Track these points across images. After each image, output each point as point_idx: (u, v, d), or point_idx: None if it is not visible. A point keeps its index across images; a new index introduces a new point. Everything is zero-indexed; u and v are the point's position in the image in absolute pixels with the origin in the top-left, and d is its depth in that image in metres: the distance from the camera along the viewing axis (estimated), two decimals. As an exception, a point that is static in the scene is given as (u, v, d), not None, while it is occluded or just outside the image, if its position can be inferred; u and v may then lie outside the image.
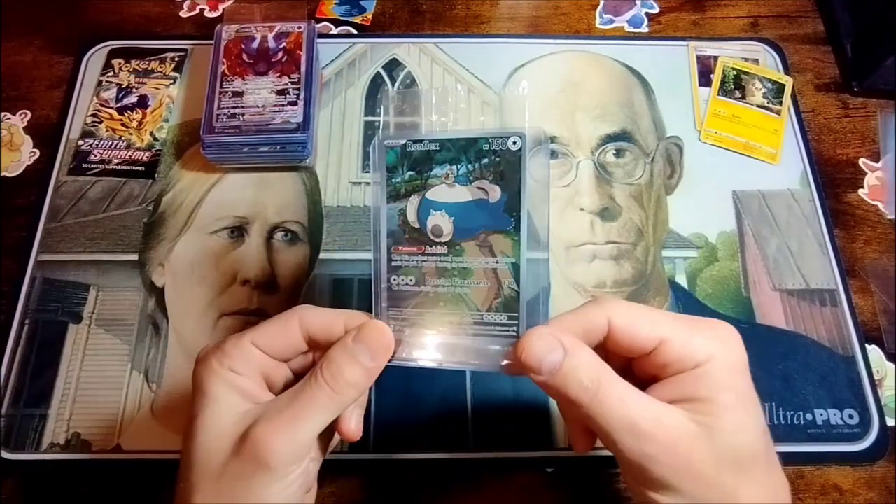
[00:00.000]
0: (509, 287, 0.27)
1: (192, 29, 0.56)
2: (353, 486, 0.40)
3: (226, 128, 0.45)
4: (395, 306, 0.28)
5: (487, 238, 0.27)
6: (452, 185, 0.28)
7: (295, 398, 0.26)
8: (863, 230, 0.48)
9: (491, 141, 0.27)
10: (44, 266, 0.45)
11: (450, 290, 0.28)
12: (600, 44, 0.55)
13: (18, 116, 0.52)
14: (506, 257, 0.27)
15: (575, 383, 0.25)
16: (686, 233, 0.47)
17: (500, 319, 0.27)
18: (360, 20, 0.56)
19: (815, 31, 0.57)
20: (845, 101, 0.53)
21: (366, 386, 0.27)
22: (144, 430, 0.40)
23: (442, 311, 0.28)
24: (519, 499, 0.40)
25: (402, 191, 0.28)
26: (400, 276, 0.28)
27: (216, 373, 0.27)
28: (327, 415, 0.26)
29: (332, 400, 0.26)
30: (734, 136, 0.51)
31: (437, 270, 0.28)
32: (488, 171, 0.27)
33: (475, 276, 0.28)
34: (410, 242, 0.28)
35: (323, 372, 0.26)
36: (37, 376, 0.42)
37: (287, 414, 0.26)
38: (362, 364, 0.26)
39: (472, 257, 0.28)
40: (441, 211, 0.28)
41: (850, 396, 0.42)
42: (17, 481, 0.40)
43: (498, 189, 0.27)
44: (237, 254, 0.45)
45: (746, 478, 0.24)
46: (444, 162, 0.28)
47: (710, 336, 0.26)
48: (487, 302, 0.28)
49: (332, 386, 0.26)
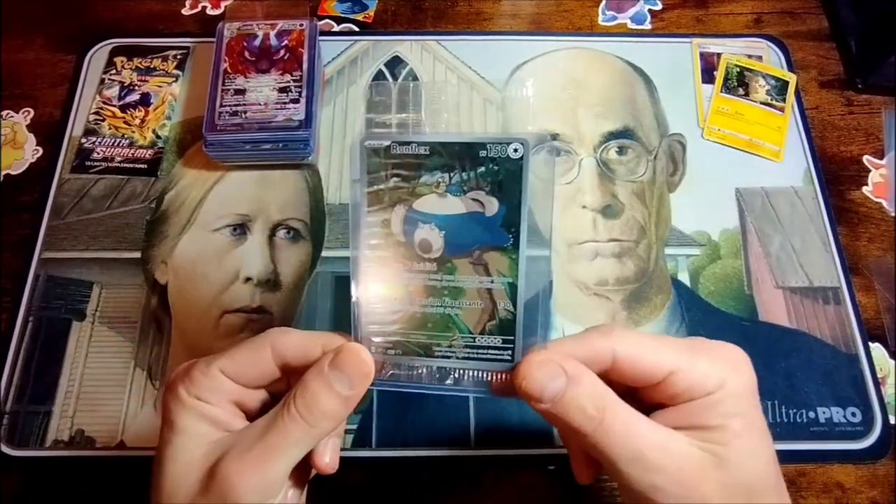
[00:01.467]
0: (505, 308, 0.25)
1: (195, 27, 0.56)
2: (355, 484, 0.40)
3: (228, 125, 0.45)
4: (376, 324, 0.26)
5: (482, 255, 0.25)
6: (444, 196, 0.25)
7: (266, 431, 0.24)
8: (866, 228, 0.48)
9: (489, 147, 0.24)
10: (47, 263, 0.45)
11: (438, 311, 0.25)
12: (603, 41, 0.55)
13: (22, 114, 0.52)
14: (502, 277, 0.25)
15: (579, 412, 0.24)
16: (689, 230, 0.47)
17: (494, 343, 0.25)
18: (361, 17, 0.56)
19: (819, 28, 0.56)
20: (849, 98, 0.53)
21: (343, 416, 0.25)
22: (148, 428, 0.41)
23: (429, 332, 0.26)
24: (521, 496, 0.40)
25: (385, 199, 0.25)
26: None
27: (183, 402, 0.25)
28: (301, 449, 0.25)
29: (307, 434, 0.24)
30: (737, 134, 0.51)
31: (426, 289, 0.25)
32: (485, 182, 0.24)
33: (467, 295, 0.25)
34: (394, 258, 0.26)
35: (296, 401, 0.24)
36: (41, 373, 0.42)
37: (257, 449, 0.24)
38: (339, 393, 0.24)
39: (465, 276, 0.25)
40: (430, 224, 0.25)
41: (853, 394, 0.42)
42: (21, 478, 0.40)
43: (495, 202, 0.24)
44: (239, 251, 0.46)
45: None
46: (434, 168, 0.25)
47: (719, 362, 0.25)
48: (480, 324, 0.25)
49: (307, 418, 0.24)
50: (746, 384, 0.25)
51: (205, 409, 0.25)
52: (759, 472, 0.24)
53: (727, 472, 0.23)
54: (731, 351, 0.26)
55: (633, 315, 0.44)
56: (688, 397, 0.24)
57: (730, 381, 0.24)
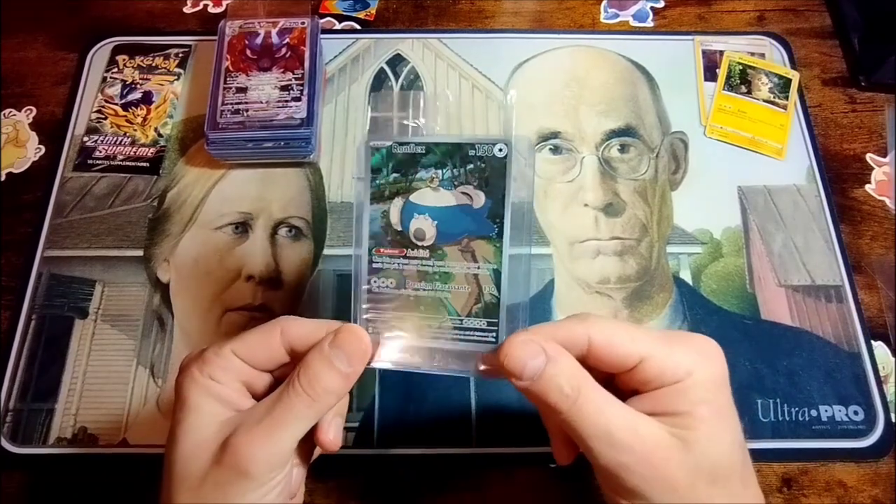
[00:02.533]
0: (490, 293, 0.27)
1: (196, 25, 0.56)
2: (357, 482, 0.40)
3: (230, 124, 0.45)
4: (374, 308, 0.28)
5: (470, 243, 0.28)
6: (437, 189, 0.28)
7: (273, 406, 0.26)
8: (869, 226, 0.48)
9: (477, 147, 0.27)
10: (50, 262, 0.46)
11: (430, 294, 0.28)
12: (605, 38, 0.55)
13: (24, 112, 0.52)
14: (487, 263, 0.27)
15: (556, 390, 0.25)
16: (691, 228, 0.47)
17: (480, 325, 0.28)
18: (363, 15, 0.56)
19: (822, 25, 0.56)
20: (852, 96, 0.53)
21: (343, 391, 0.27)
22: (150, 425, 0.41)
23: (422, 314, 0.28)
24: (522, 494, 0.40)
25: (385, 192, 0.28)
26: (380, 278, 0.28)
27: (196, 381, 0.26)
28: (305, 422, 0.26)
29: (310, 407, 0.26)
30: (740, 132, 0.51)
31: (419, 274, 0.28)
32: (473, 177, 0.27)
33: (456, 280, 0.28)
34: (392, 245, 0.28)
35: (300, 378, 0.26)
36: (44, 371, 0.42)
37: (265, 422, 0.25)
38: (339, 370, 0.26)
39: (454, 262, 0.28)
40: (424, 214, 0.28)
41: (856, 393, 0.42)
42: (24, 475, 0.40)
43: (482, 195, 0.27)
44: (241, 249, 0.46)
45: (721, 490, 0.24)
46: (429, 166, 0.28)
47: (691, 351, 0.26)
48: (468, 307, 0.28)
49: (310, 393, 0.26)
50: (716, 373, 0.26)
51: (217, 388, 0.27)
52: (724, 456, 0.25)
53: (692, 454, 0.24)
54: (703, 341, 0.27)
55: (635, 313, 0.44)
56: (659, 384, 0.25)
57: (699, 369, 0.25)
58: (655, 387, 0.26)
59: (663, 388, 0.25)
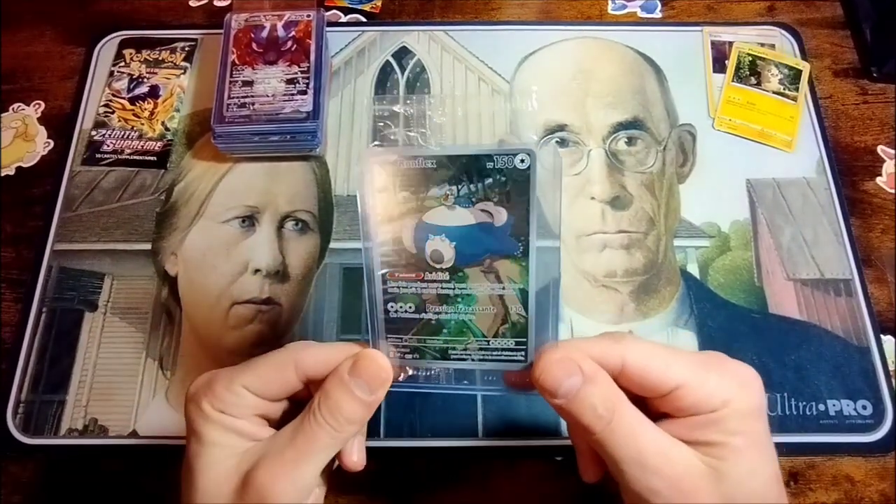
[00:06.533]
0: (517, 313, 0.26)
1: (202, 18, 0.56)
2: (363, 473, 0.40)
3: (236, 117, 0.46)
4: (393, 334, 0.27)
5: (493, 263, 0.25)
6: (452, 208, 0.25)
7: (294, 437, 0.25)
8: (880, 219, 0.47)
9: (496, 159, 0.24)
10: (60, 255, 0.46)
11: (453, 317, 0.26)
12: (612, 30, 0.54)
13: (33, 107, 0.52)
14: (513, 283, 0.25)
15: (590, 410, 0.24)
16: (698, 222, 0.47)
17: (508, 345, 0.26)
18: (369, 8, 0.56)
19: (833, 15, 0.55)
20: (864, 87, 0.52)
21: (366, 419, 0.26)
22: (159, 416, 0.41)
23: (445, 337, 0.26)
24: (528, 487, 0.40)
25: (394, 213, 0.26)
26: (398, 303, 0.26)
27: (208, 416, 0.26)
28: (328, 452, 0.26)
29: (333, 438, 0.25)
30: (749, 124, 0.50)
31: (439, 297, 0.26)
32: (493, 192, 0.25)
33: (480, 302, 0.26)
34: (408, 269, 0.26)
35: (321, 408, 0.25)
36: (54, 363, 0.43)
37: (288, 455, 0.25)
38: (360, 398, 0.25)
39: (477, 283, 0.26)
40: (441, 235, 0.25)
41: (864, 387, 0.41)
42: (36, 466, 0.41)
43: (504, 211, 0.25)
44: (248, 243, 0.46)
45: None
46: (442, 181, 0.25)
47: (727, 379, 0.25)
48: (494, 328, 0.26)
49: (331, 423, 0.25)
50: (753, 403, 0.25)
51: (230, 422, 0.26)
52: (759, 490, 0.24)
53: (726, 485, 0.24)
54: (740, 368, 0.26)
55: (642, 307, 0.44)
56: (693, 412, 0.25)
57: (736, 399, 0.25)
58: (689, 414, 0.25)
59: (697, 415, 0.25)
